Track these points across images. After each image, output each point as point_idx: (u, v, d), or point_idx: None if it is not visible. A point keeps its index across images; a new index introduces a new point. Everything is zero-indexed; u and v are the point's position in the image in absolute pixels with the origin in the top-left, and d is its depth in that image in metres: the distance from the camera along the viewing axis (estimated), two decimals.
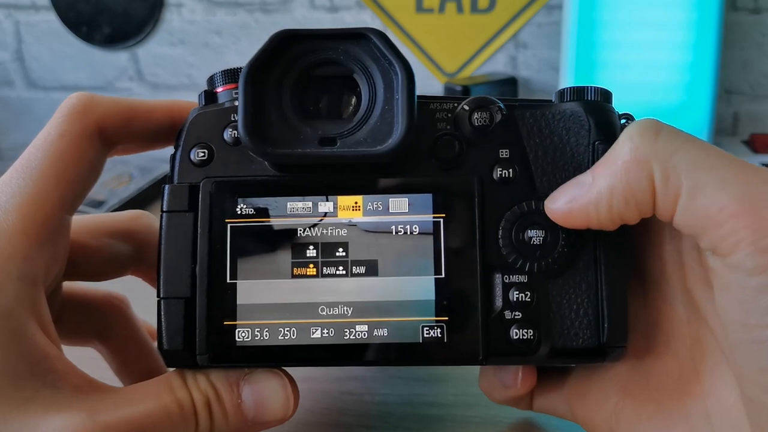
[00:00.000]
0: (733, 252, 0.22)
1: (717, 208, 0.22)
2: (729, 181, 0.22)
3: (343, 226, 0.27)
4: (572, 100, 0.28)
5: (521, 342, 0.27)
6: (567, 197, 0.26)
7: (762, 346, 0.22)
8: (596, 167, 0.25)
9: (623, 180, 0.24)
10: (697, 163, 0.23)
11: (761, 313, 0.22)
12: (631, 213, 0.25)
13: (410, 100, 0.26)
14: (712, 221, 0.23)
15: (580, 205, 0.25)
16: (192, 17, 1.00)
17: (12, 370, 0.24)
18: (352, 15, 0.98)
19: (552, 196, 0.27)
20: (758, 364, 0.22)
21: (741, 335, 0.23)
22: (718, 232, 0.22)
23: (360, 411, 0.35)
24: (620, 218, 0.25)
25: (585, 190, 0.25)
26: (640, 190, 0.24)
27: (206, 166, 0.28)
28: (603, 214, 0.25)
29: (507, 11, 0.97)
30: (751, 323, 0.22)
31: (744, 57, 0.94)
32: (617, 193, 0.24)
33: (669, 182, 0.23)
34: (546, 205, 0.27)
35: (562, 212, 0.26)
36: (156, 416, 0.25)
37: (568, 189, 0.26)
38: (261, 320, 0.27)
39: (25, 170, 0.26)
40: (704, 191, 0.23)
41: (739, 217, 0.22)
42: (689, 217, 0.23)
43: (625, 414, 0.28)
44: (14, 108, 1.07)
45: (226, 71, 0.29)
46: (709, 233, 0.23)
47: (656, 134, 0.24)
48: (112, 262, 0.32)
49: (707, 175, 0.23)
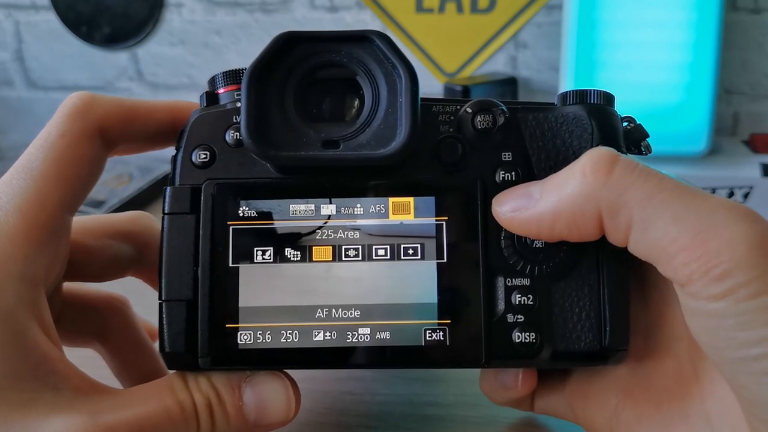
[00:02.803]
0: (689, 282, 0.23)
1: (668, 241, 0.23)
2: (680, 213, 0.23)
3: (346, 229, 0.27)
4: (575, 104, 0.28)
5: (523, 345, 0.27)
6: (513, 206, 0.26)
7: (734, 366, 0.23)
8: (547, 183, 0.26)
9: (568, 209, 0.25)
10: (649, 197, 0.24)
11: (726, 336, 0.22)
12: (573, 236, 0.26)
13: (414, 103, 0.26)
14: (664, 253, 0.23)
15: (523, 218, 0.26)
16: (192, 17, 1.00)
17: (13, 371, 0.24)
18: (352, 15, 0.98)
19: (500, 197, 0.27)
20: (738, 382, 0.23)
21: (714, 356, 0.24)
22: (672, 263, 0.23)
23: (360, 411, 0.35)
24: (560, 237, 0.26)
25: (531, 204, 0.26)
26: (584, 222, 0.25)
27: (208, 167, 0.27)
28: (544, 231, 0.26)
29: (507, 11, 0.97)
30: (720, 346, 0.23)
31: (744, 57, 0.94)
32: (561, 218, 0.25)
33: (619, 217, 0.24)
34: (492, 205, 0.27)
35: (505, 219, 0.27)
36: (157, 418, 0.25)
37: (516, 197, 0.26)
38: (263, 323, 0.27)
39: (25, 170, 0.26)
40: (655, 225, 0.23)
41: (689, 249, 0.22)
42: (642, 249, 0.24)
43: (626, 415, 0.28)
44: (14, 108, 1.07)
45: (228, 72, 0.29)
46: (663, 264, 0.24)
47: (609, 172, 0.24)
48: (112, 262, 0.32)
49: (659, 209, 0.23)
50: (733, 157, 0.85)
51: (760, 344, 0.22)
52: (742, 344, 0.22)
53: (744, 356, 0.22)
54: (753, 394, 0.22)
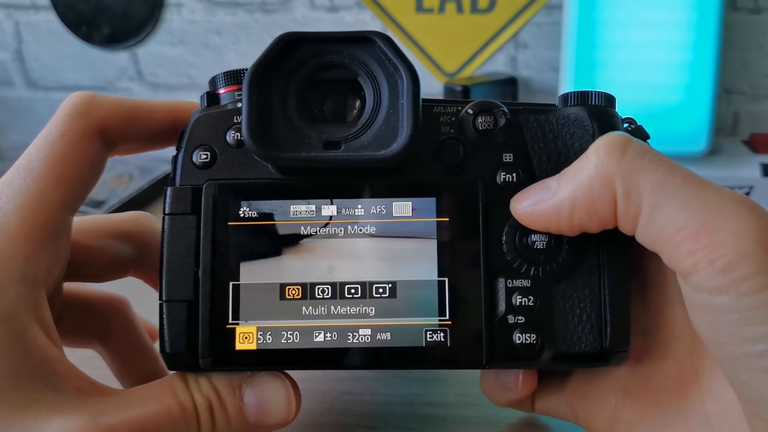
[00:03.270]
0: (693, 273, 0.23)
1: (675, 229, 0.23)
2: (689, 202, 0.23)
3: (347, 230, 0.27)
4: (576, 105, 0.28)
5: (524, 346, 0.27)
6: (532, 200, 0.26)
7: (736, 362, 0.22)
8: (563, 174, 0.26)
9: (586, 194, 0.25)
10: (660, 183, 0.24)
11: (729, 331, 0.22)
12: (593, 224, 0.25)
13: (415, 105, 0.26)
14: (670, 241, 0.23)
15: (543, 210, 0.26)
16: (192, 17, 1.00)
17: (14, 372, 0.24)
18: (352, 15, 0.98)
19: (518, 196, 0.27)
20: (739, 378, 0.23)
21: (717, 352, 0.23)
22: (677, 252, 0.23)
23: (360, 411, 0.35)
24: (580, 227, 0.26)
25: (550, 195, 0.26)
26: (602, 205, 0.25)
27: (209, 168, 0.27)
28: (564, 222, 0.26)
29: (507, 11, 0.97)
30: (723, 342, 0.23)
31: (744, 57, 0.94)
32: (579, 205, 0.25)
33: (630, 200, 0.24)
34: (511, 204, 0.27)
35: (525, 214, 0.27)
36: (158, 418, 0.25)
37: (534, 192, 0.27)
38: (264, 324, 0.27)
39: (26, 171, 0.26)
40: (664, 211, 0.23)
41: (695, 238, 0.22)
42: (649, 235, 0.24)
43: (626, 415, 0.28)
44: (14, 108, 1.07)
45: (229, 72, 0.29)
46: (668, 252, 0.23)
47: (623, 152, 0.24)
48: (113, 263, 0.32)
49: (668, 195, 0.23)
50: (733, 157, 0.85)
51: (763, 340, 0.21)
52: (745, 340, 0.22)
53: (747, 352, 0.22)
54: (754, 391, 0.22)
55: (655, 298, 0.28)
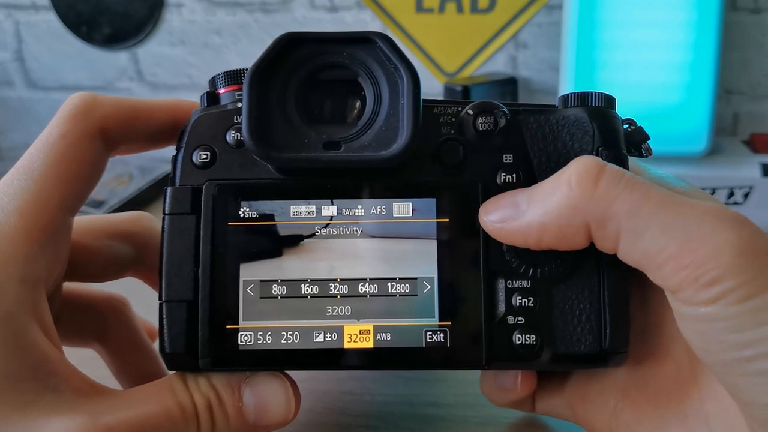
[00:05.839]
0: (679, 290, 0.23)
1: (656, 251, 0.23)
2: (668, 224, 0.23)
3: (347, 230, 0.27)
4: (576, 106, 0.28)
5: (524, 347, 0.27)
6: (500, 216, 0.26)
7: (727, 369, 0.23)
8: (534, 192, 0.26)
9: (554, 221, 0.25)
10: (636, 209, 0.24)
11: (717, 339, 0.23)
12: (562, 246, 0.26)
13: (416, 105, 0.26)
14: (653, 263, 0.24)
15: (511, 229, 0.26)
16: (192, 17, 1.00)
17: (13, 373, 0.24)
18: (352, 15, 0.98)
19: (486, 205, 0.27)
20: (732, 384, 0.23)
21: (707, 359, 0.24)
22: (661, 272, 0.23)
23: (360, 411, 0.35)
24: (549, 248, 0.26)
25: (518, 214, 0.26)
26: (572, 233, 0.25)
27: (208, 168, 0.27)
28: (532, 242, 0.26)
29: (507, 11, 0.97)
30: (712, 350, 0.23)
31: (744, 57, 0.94)
32: (548, 230, 0.25)
33: (606, 229, 0.24)
34: (480, 213, 0.27)
35: (493, 229, 0.27)
36: (157, 419, 0.25)
37: (503, 206, 0.26)
38: (264, 324, 0.27)
39: (26, 171, 0.26)
40: (644, 237, 0.23)
41: (678, 258, 0.23)
42: (631, 258, 0.24)
43: (625, 416, 0.28)
44: (14, 108, 1.07)
45: (229, 72, 0.29)
46: (652, 272, 0.24)
47: (595, 183, 0.24)
48: (112, 263, 0.32)
49: (646, 221, 0.23)
50: (733, 157, 0.85)
51: (750, 346, 0.22)
52: (733, 347, 0.22)
53: (736, 358, 0.22)
54: (747, 395, 0.23)
55: (655, 301, 0.28)
